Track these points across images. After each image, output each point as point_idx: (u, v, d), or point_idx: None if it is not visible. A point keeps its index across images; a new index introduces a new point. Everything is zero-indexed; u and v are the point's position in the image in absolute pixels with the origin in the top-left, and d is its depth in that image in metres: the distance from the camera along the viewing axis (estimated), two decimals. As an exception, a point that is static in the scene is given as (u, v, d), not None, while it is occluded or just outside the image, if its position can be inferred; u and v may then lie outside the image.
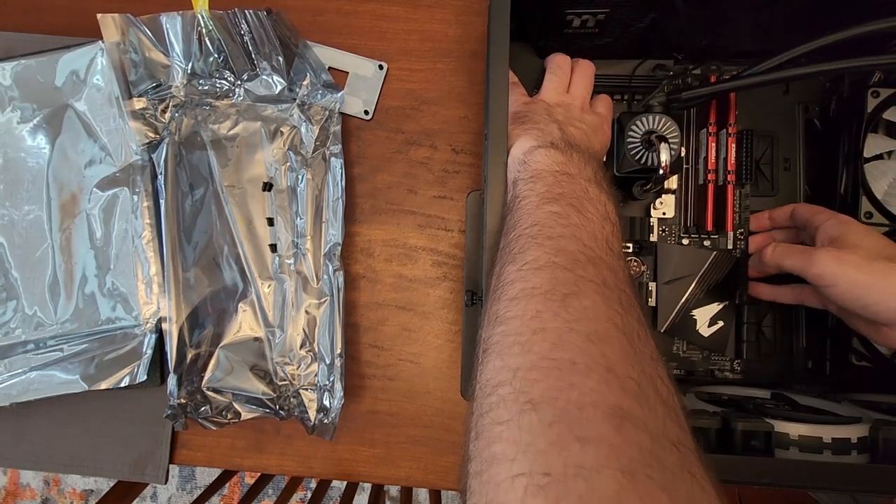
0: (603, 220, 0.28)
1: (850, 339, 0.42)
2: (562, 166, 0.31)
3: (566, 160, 0.32)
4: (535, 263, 0.24)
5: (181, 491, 1.20)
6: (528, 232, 0.27)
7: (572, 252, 0.25)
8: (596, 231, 0.27)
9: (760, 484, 0.31)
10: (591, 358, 0.20)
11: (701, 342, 0.45)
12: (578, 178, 0.30)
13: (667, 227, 0.46)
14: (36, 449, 0.50)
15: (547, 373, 0.20)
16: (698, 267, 0.44)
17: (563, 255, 0.24)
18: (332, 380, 0.46)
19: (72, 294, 0.49)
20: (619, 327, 0.21)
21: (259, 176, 0.49)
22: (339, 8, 0.51)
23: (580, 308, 0.22)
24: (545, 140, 0.34)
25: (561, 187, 0.29)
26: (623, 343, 0.21)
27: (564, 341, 0.21)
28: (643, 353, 0.21)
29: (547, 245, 0.25)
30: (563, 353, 0.20)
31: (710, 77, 0.44)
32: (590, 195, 0.29)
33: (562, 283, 0.23)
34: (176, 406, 0.46)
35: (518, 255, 0.26)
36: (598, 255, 0.25)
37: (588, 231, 0.26)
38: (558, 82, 0.41)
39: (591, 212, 0.28)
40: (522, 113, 0.38)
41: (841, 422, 0.35)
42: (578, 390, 0.19)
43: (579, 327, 0.21)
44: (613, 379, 0.19)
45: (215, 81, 0.48)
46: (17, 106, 0.50)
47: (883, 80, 0.41)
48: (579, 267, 0.24)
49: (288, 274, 0.48)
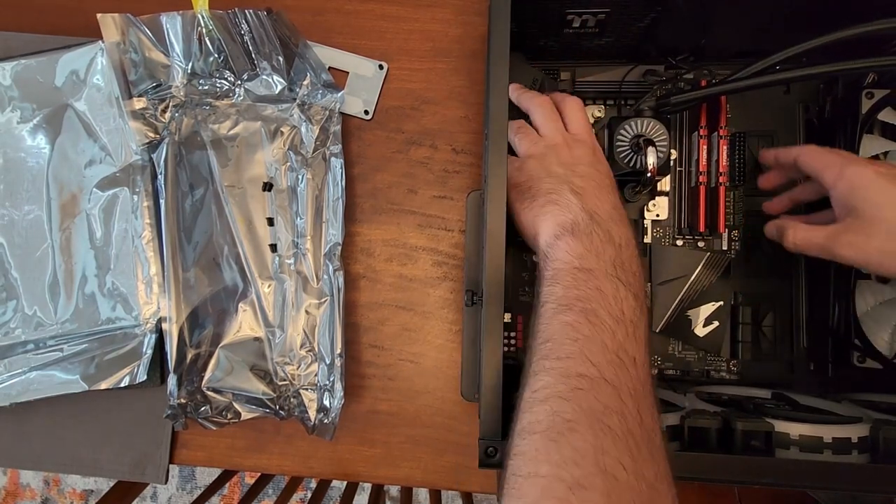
0: (616, 323, 0.29)
1: (850, 339, 0.42)
2: (581, 261, 0.32)
3: (586, 250, 0.32)
4: (540, 394, 0.28)
5: (181, 491, 1.20)
6: (542, 351, 0.29)
7: (576, 377, 0.27)
8: (606, 341, 0.28)
9: (761, 484, 0.31)
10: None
11: (696, 342, 0.45)
12: (597, 273, 0.31)
13: (661, 228, 0.47)
14: (36, 449, 0.50)
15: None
16: (692, 268, 0.45)
17: (567, 383, 0.27)
18: (333, 380, 0.46)
19: (72, 294, 0.49)
20: (603, 472, 0.24)
21: (259, 176, 0.49)
22: (339, 8, 0.51)
23: (571, 451, 0.25)
24: (566, 221, 0.34)
25: (577, 289, 0.31)
26: (602, 492, 0.24)
27: (550, 492, 0.24)
28: (626, 497, 0.24)
29: (554, 370, 0.28)
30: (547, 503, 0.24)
31: (700, 81, 0.44)
32: (605, 295, 0.30)
33: (560, 419, 0.26)
34: (176, 406, 0.46)
35: (531, 379, 0.29)
36: (604, 374, 0.27)
37: (598, 344, 0.28)
38: (525, 136, 0.40)
39: (604, 318, 0.29)
40: (523, 185, 0.37)
41: (841, 421, 0.35)
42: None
43: (566, 475, 0.24)
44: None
45: (215, 81, 0.48)
46: (17, 106, 0.50)
47: (877, 82, 0.41)
48: (581, 396, 0.27)
49: (288, 274, 0.48)
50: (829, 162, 0.36)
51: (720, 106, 0.45)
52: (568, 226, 0.33)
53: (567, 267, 0.32)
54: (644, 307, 0.31)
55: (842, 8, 0.37)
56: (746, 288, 0.46)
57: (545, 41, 0.44)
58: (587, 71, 0.47)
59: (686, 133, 0.47)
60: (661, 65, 0.46)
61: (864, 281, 0.42)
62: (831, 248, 0.35)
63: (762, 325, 0.45)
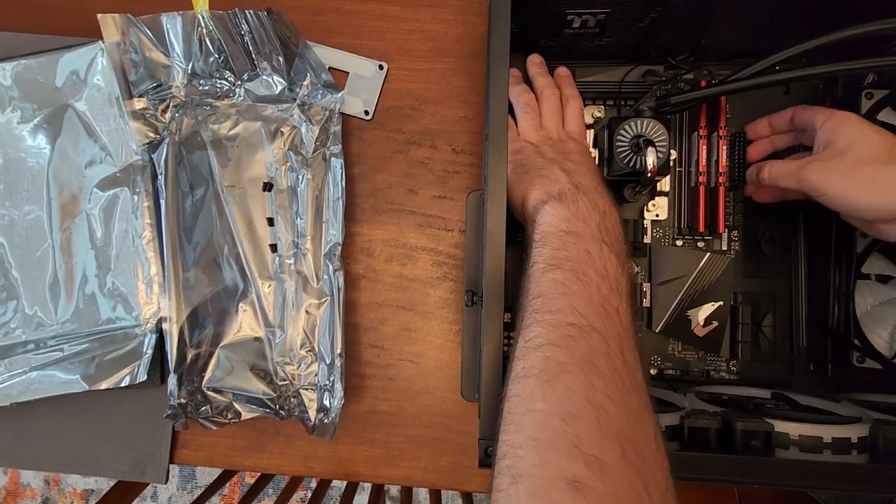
0: (601, 279, 0.31)
1: (850, 340, 0.42)
2: (568, 224, 0.34)
3: (572, 215, 0.34)
4: (533, 343, 0.29)
5: (181, 491, 1.20)
6: (533, 305, 0.31)
7: (567, 326, 0.29)
8: (593, 295, 0.31)
9: (760, 484, 0.31)
10: (564, 437, 0.25)
11: (696, 342, 0.45)
12: (583, 236, 0.33)
13: (661, 228, 0.47)
14: (36, 449, 0.50)
15: (530, 451, 0.26)
16: (692, 268, 0.45)
17: (558, 332, 0.29)
18: (333, 380, 0.46)
19: (72, 294, 0.49)
20: (593, 404, 0.26)
21: (259, 176, 0.49)
22: (339, 8, 0.51)
23: (563, 389, 0.27)
24: (553, 190, 0.36)
25: (566, 250, 0.33)
26: (594, 420, 0.26)
27: (546, 423, 0.26)
28: (616, 423, 0.26)
29: (546, 322, 0.30)
30: (543, 433, 0.26)
31: (700, 81, 0.44)
32: (592, 256, 0.32)
33: (553, 363, 0.28)
34: (176, 406, 0.46)
35: (524, 331, 0.30)
36: (592, 322, 0.29)
37: (585, 297, 0.31)
38: (531, 119, 0.42)
39: (590, 275, 0.31)
40: (518, 161, 0.40)
41: (841, 421, 0.35)
42: (550, 467, 0.25)
43: (560, 409, 0.26)
44: (578, 455, 0.24)
45: (215, 81, 0.48)
46: (17, 106, 0.50)
47: (876, 82, 0.41)
48: (571, 342, 0.29)
49: (288, 274, 0.48)
50: (822, 109, 0.39)
51: (720, 106, 0.45)
52: (555, 193, 0.35)
53: (554, 230, 0.34)
54: (625, 265, 0.33)
55: (842, 8, 0.37)
56: (746, 288, 0.46)
57: (545, 41, 0.44)
58: (587, 71, 0.47)
59: (686, 133, 0.47)
60: (661, 65, 0.46)
61: (864, 281, 0.42)
62: (802, 172, 0.37)
63: (762, 325, 0.45)
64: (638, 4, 0.39)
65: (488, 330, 0.34)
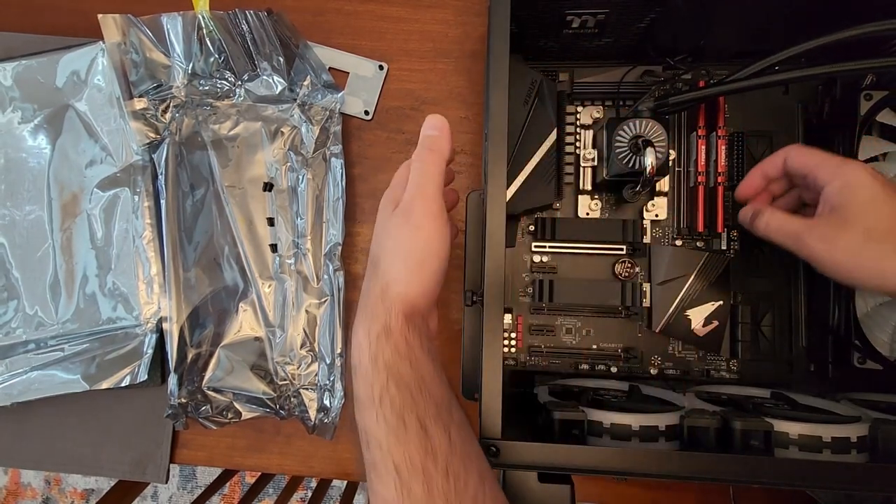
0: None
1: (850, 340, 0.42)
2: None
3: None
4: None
5: (182, 490, 1.20)
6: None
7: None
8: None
9: (760, 483, 0.31)
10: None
11: (696, 342, 0.45)
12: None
13: (660, 228, 0.47)
14: (37, 448, 0.50)
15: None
16: (692, 267, 0.45)
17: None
18: (333, 379, 0.46)
19: (73, 294, 0.49)
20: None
21: (260, 176, 0.49)
22: (339, 8, 0.51)
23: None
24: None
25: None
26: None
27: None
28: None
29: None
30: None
31: (699, 81, 0.44)
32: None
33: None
34: (176, 405, 0.46)
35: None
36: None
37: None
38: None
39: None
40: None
41: (840, 421, 0.35)
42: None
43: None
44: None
45: (216, 82, 0.48)
46: (18, 106, 0.50)
47: (875, 83, 0.41)
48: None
49: (288, 274, 0.48)
50: (825, 158, 0.36)
51: (718, 106, 0.45)
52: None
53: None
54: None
55: (841, 8, 0.37)
56: (746, 288, 0.46)
57: (544, 42, 0.44)
58: (586, 72, 0.47)
59: (684, 133, 0.47)
60: (660, 65, 0.46)
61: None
62: (804, 237, 0.34)
63: (761, 325, 0.45)
64: (637, 4, 0.39)
65: (488, 330, 0.34)
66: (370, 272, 0.34)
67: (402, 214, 0.33)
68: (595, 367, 0.46)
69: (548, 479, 0.34)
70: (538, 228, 0.46)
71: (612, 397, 0.41)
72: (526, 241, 0.47)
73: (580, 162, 0.47)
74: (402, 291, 0.32)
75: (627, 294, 0.45)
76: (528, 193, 0.44)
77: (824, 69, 0.36)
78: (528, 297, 0.47)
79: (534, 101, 0.44)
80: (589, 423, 0.35)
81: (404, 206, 0.33)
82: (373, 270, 0.33)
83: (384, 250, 0.33)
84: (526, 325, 0.46)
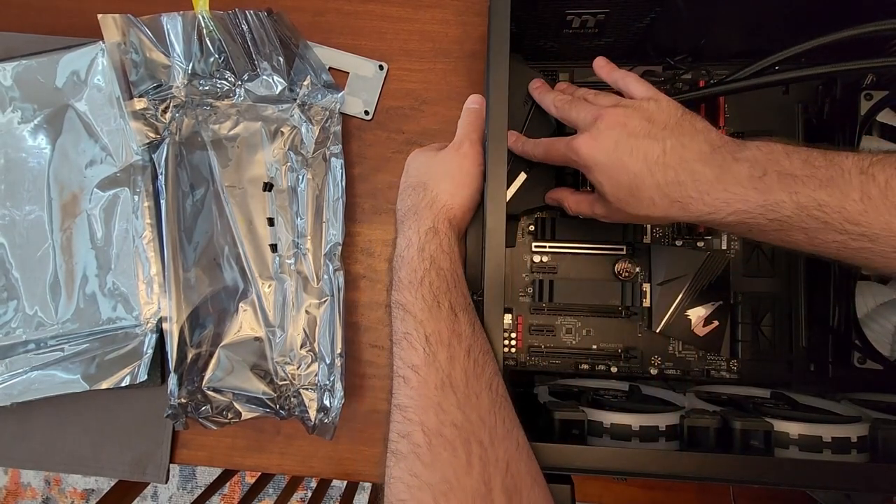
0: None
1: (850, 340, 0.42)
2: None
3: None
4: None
5: (182, 490, 1.20)
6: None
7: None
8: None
9: (760, 483, 0.31)
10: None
11: (696, 342, 0.45)
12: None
13: (660, 228, 0.47)
14: (37, 448, 0.50)
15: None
16: (692, 268, 0.45)
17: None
18: (333, 379, 0.46)
19: (72, 294, 0.49)
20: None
21: (259, 176, 0.49)
22: (339, 8, 0.51)
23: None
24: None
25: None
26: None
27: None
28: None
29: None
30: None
31: (699, 81, 0.44)
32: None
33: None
34: (176, 406, 0.46)
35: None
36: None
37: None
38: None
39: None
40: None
41: (841, 421, 0.35)
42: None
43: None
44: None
45: (216, 82, 0.48)
46: (18, 106, 0.50)
47: (875, 83, 0.41)
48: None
49: (288, 274, 0.48)
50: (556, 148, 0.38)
51: (718, 106, 0.45)
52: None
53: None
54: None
55: (841, 8, 0.37)
56: (746, 288, 0.46)
57: (544, 42, 0.44)
58: (586, 72, 0.47)
59: (685, 133, 0.46)
60: (660, 65, 0.46)
61: (864, 282, 0.42)
62: (596, 210, 0.38)
63: (761, 325, 0.45)
64: (637, 4, 0.39)
65: (488, 330, 0.34)
66: (414, 193, 0.41)
67: (453, 148, 0.42)
68: (595, 367, 0.46)
69: (548, 479, 0.34)
70: (538, 228, 0.47)
71: (612, 397, 0.41)
72: (526, 241, 0.47)
73: (580, 162, 0.47)
74: (448, 202, 0.39)
75: (627, 294, 0.45)
76: (528, 193, 0.44)
77: (824, 69, 0.36)
78: (528, 297, 0.47)
79: (534, 101, 0.44)
80: (589, 423, 0.35)
81: (456, 142, 0.42)
82: (420, 190, 0.41)
83: (433, 174, 0.42)
84: (526, 325, 0.47)
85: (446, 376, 0.31)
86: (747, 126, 0.46)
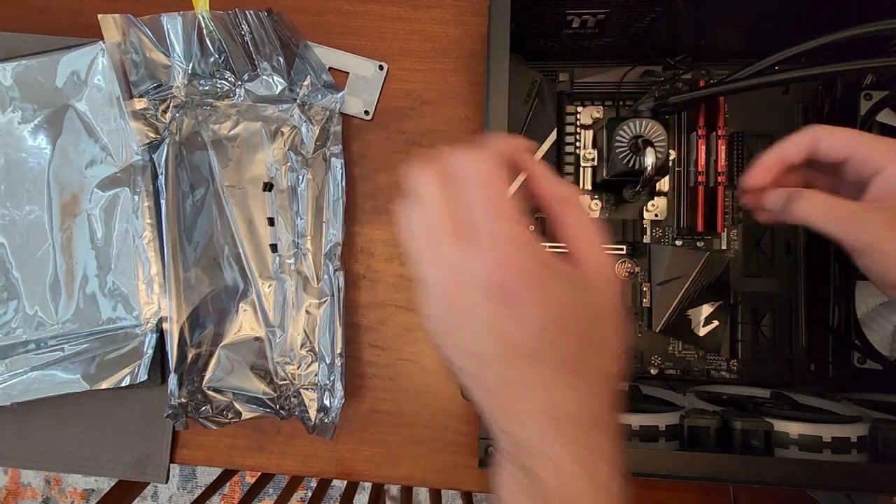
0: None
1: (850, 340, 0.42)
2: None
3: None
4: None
5: (182, 490, 1.20)
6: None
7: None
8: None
9: (760, 483, 0.31)
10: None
11: (696, 342, 0.45)
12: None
13: (660, 228, 0.47)
14: (37, 448, 0.50)
15: None
16: (692, 268, 0.45)
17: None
18: (333, 379, 0.46)
19: (73, 294, 0.49)
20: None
21: (260, 176, 0.49)
22: (339, 8, 0.51)
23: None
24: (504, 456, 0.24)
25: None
26: None
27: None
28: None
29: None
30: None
31: (699, 81, 0.44)
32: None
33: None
34: (176, 405, 0.46)
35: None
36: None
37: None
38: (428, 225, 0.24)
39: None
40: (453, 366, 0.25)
41: (841, 421, 0.35)
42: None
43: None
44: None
45: (216, 82, 0.48)
46: (18, 106, 0.50)
47: (875, 83, 0.41)
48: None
49: (288, 274, 0.48)
50: (870, 139, 0.31)
51: (718, 106, 0.45)
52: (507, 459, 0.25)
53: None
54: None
55: (841, 8, 0.37)
56: (746, 288, 0.46)
57: (544, 42, 0.44)
58: (586, 72, 0.47)
59: (684, 133, 0.47)
60: (660, 65, 0.46)
61: (864, 282, 0.42)
62: (863, 221, 0.28)
63: (761, 325, 0.45)
64: (637, 4, 0.39)
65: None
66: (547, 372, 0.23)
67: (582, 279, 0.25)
68: (595, 367, 0.46)
69: (548, 479, 0.34)
70: (538, 228, 0.46)
71: (612, 397, 0.41)
72: (526, 241, 0.47)
73: (580, 162, 0.47)
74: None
75: (627, 294, 0.45)
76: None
77: (824, 69, 0.36)
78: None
79: (534, 101, 0.44)
80: (589, 423, 0.35)
81: (592, 265, 0.26)
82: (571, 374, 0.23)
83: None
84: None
85: None
86: (748, 126, 0.46)
